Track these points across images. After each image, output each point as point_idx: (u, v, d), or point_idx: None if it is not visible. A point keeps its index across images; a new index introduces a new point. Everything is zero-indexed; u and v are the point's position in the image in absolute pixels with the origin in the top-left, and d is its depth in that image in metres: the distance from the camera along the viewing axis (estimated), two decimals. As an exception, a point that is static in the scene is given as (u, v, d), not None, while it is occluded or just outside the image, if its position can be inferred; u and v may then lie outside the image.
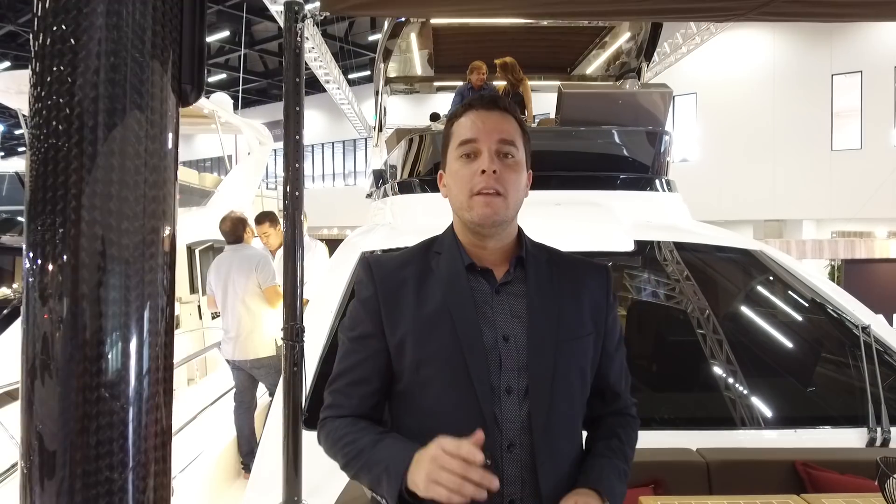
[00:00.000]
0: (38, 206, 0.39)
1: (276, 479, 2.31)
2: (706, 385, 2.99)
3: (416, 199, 4.55)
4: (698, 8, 2.14)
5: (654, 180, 4.51)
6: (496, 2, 1.98)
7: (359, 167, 27.09)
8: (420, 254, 1.37)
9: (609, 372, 1.40)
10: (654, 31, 6.23)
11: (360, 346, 1.33)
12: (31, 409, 0.42)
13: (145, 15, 0.39)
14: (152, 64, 0.39)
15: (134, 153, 0.40)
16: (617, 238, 3.37)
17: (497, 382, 1.25)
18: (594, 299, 1.36)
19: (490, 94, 1.36)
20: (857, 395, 2.69)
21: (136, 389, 0.43)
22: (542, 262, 1.35)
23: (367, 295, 1.32)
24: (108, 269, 0.39)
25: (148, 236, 0.41)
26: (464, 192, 1.27)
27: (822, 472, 2.13)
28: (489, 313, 1.28)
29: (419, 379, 1.27)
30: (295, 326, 2.43)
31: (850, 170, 15.83)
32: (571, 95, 4.80)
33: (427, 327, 1.27)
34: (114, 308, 0.41)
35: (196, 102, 0.47)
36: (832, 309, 3.19)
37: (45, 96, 0.40)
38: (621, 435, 1.38)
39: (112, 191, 0.39)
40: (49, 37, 0.40)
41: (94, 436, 0.42)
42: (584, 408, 1.37)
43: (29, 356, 0.42)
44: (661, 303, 3.53)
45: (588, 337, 1.33)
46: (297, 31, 2.42)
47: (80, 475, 0.42)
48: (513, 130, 1.30)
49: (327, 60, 15.92)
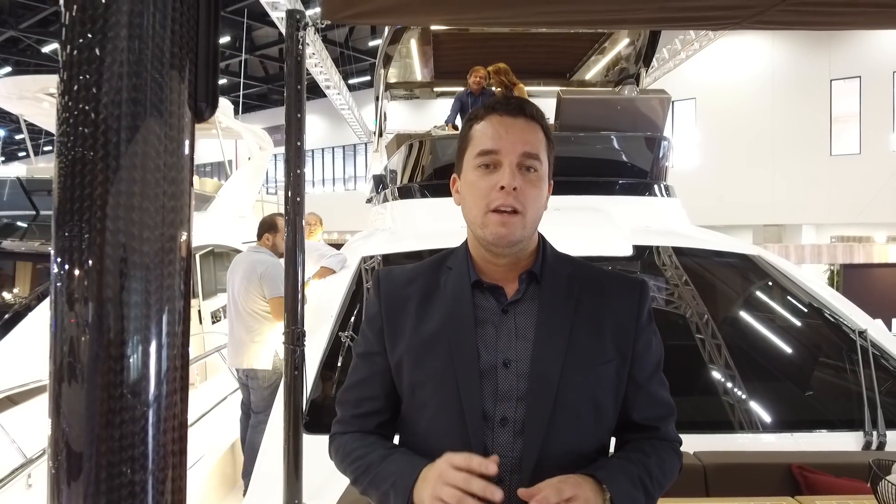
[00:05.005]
0: (65, 214, 0.42)
1: (277, 482, 2.33)
2: (705, 389, 3.01)
3: (416, 203, 4.57)
4: (696, 17, 2.17)
5: (653, 185, 4.53)
6: (496, 11, 2.01)
7: (359, 172, 27.13)
8: (432, 268, 1.28)
9: (637, 405, 1.23)
10: (653, 37, 6.28)
11: (366, 363, 1.28)
12: (58, 411, 0.45)
13: (164, 38, 0.42)
14: (171, 83, 0.43)
15: (154, 167, 0.43)
16: (616, 243, 3.40)
17: (491, 411, 1.14)
18: (619, 321, 1.20)
19: (516, 99, 1.23)
20: (853, 399, 2.71)
21: (155, 391, 0.45)
22: (561, 278, 1.21)
23: (373, 312, 1.28)
24: (131, 275, 0.42)
25: (167, 244, 0.43)
26: (479, 206, 1.16)
27: (818, 475, 2.15)
28: (491, 335, 1.18)
29: (415, 401, 1.21)
30: (296, 330, 2.45)
31: (849, 175, 15.87)
32: (570, 101, 4.83)
33: (424, 348, 1.19)
34: (136, 311, 0.43)
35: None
36: (829, 313, 3.22)
37: (72, 106, 0.43)
38: (646, 449, 1.21)
39: (134, 202, 0.42)
40: (75, 48, 0.43)
41: (118, 436, 0.44)
42: (600, 445, 1.22)
43: (56, 359, 0.44)
44: (659, 307, 3.55)
45: (607, 366, 1.18)
46: (299, 38, 2.45)
47: (105, 475, 0.44)
48: (538, 142, 1.17)
49: (328, 66, 15.98)
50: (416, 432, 1.22)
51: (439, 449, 1.10)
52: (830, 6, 1.94)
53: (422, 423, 1.21)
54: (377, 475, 1.16)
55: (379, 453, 1.20)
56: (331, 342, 2.95)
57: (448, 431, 1.15)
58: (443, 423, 1.17)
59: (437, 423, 1.18)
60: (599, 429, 1.20)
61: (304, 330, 2.48)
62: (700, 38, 13.98)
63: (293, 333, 2.45)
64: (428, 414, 1.19)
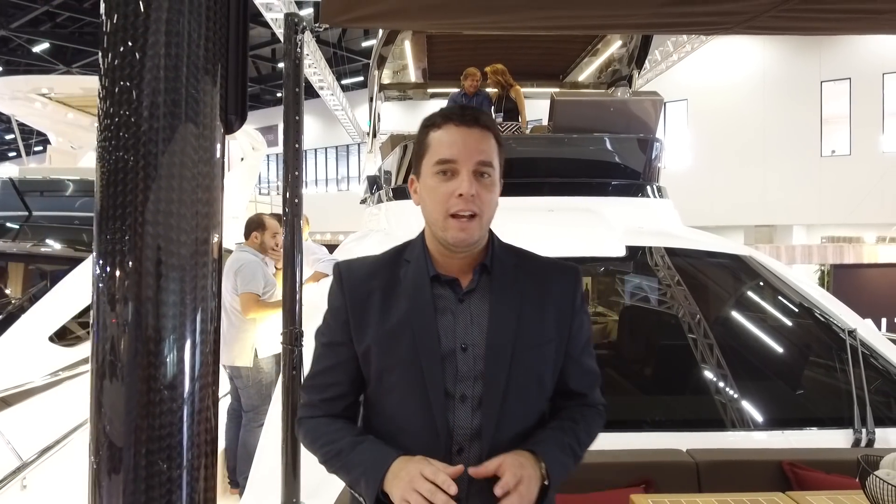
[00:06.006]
0: (107, 219, 0.44)
1: (275, 481, 2.34)
2: (697, 388, 3.05)
3: (410, 204, 4.55)
4: (688, 22, 2.20)
5: (646, 186, 4.57)
6: (492, 16, 2.03)
7: (352, 172, 27.10)
8: (390, 262, 1.39)
9: (571, 376, 1.41)
10: (646, 40, 6.32)
11: (331, 352, 1.39)
12: (99, 407, 0.47)
13: (198, 55, 0.45)
14: (205, 97, 0.46)
15: (190, 175, 0.46)
16: (609, 244, 3.43)
17: (452, 390, 1.29)
18: (558, 305, 1.37)
19: (471, 109, 1.36)
20: (843, 397, 2.75)
21: (189, 387, 0.48)
22: (508, 268, 1.36)
23: (338, 305, 1.38)
24: (168, 276, 0.45)
25: (200, 247, 0.46)
26: (439, 210, 1.28)
27: (809, 471, 2.19)
28: (450, 322, 1.31)
29: (383, 386, 1.33)
30: (294, 331, 2.47)
31: (840, 176, 15.99)
32: (564, 103, 4.87)
33: (389, 338, 1.31)
34: (173, 311, 0.45)
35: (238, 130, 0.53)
36: (819, 313, 3.26)
37: (113, 112, 0.45)
38: (576, 417, 1.39)
39: (172, 208, 0.45)
40: (116, 56, 0.46)
41: (156, 431, 0.47)
42: (541, 412, 1.39)
43: (98, 357, 0.47)
44: (652, 307, 3.59)
45: (548, 345, 1.35)
46: (297, 42, 2.47)
47: (144, 468, 0.47)
48: (491, 150, 1.30)
49: (321, 67, 15.98)
50: (383, 413, 1.35)
51: (406, 427, 1.28)
52: (820, 12, 1.97)
53: (389, 404, 1.33)
54: (348, 462, 1.29)
55: (348, 441, 1.32)
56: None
57: (414, 410, 1.29)
58: (409, 403, 1.30)
59: (404, 403, 1.31)
60: (541, 400, 1.38)
61: (301, 330, 2.50)
62: (692, 41, 14.06)
63: (291, 333, 2.46)
64: (395, 396, 1.32)
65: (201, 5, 0.46)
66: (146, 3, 0.46)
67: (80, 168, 8.18)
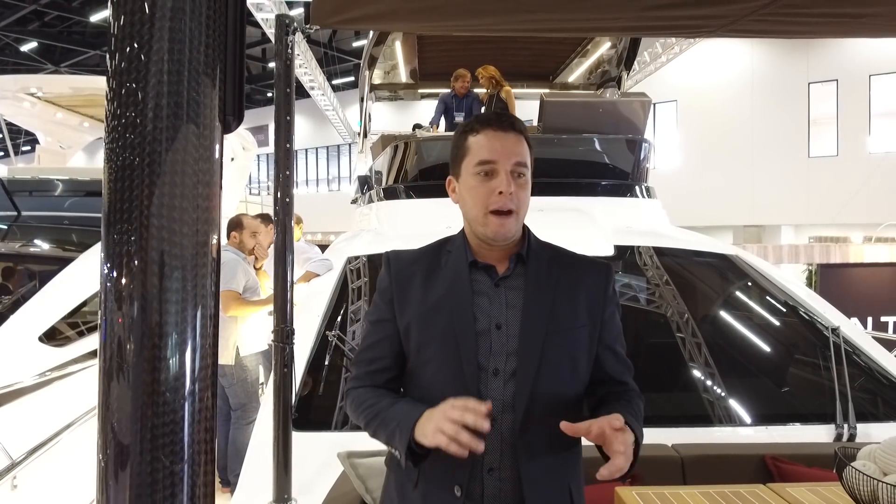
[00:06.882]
0: (115, 218, 0.47)
1: (267, 478, 2.36)
2: (685, 385, 3.09)
3: (401, 204, 4.61)
4: (671, 25, 2.24)
5: (634, 187, 4.62)
6: (481, 19, 2.07)
7: (343, 173, 27.07)
8: (433, 251, 1.53)
9: (607, 362, 1.50)
10: (634, 42, 6.37)
11: (377, 329, 1.52)
12: (107, 406, 0.49)
13: (199, 59, 0.47)
14: (205, 99, 0.48)
15: (192, 172, 0.48)
16: (598, 243, 3.46)
17: (486, 364, 1.40)
18: (591, 295, 1.48)
19: (507, 115, 1.50)
20: (826, 394, 2.80)
21: (191, 385, 0.50)
22: (543, 260, 1.48)
23: (385, 285, 1.52)
24: (172, 275, 0.47)
25: (201, 247, 0.49)
26: (479, 207, 1.41)
27: (790, 465, 2.24)
28: (485, 304, 1.43)
29: (421, 359, 1.45)
30: (285, 329, 2.49)
31: (827, 176, 16.13)
32: (553, 104, 4.91)
33: (429, 314, 1.44)
34: (175, 308, 0.48)
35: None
36: (804, 311, 3.31)
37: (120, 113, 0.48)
38: (625, 398, 1.48)
39: (175, 205, 0.47)
40: (122, 59, 0.48)
41: (161, 429, 0.49)
42: (578, 395, 1.48)
43: (106, 357, 0.49)
44: (640, 306, 3.63)
45: (581, 329, 1.45)
46: (288, 42, 2.49)
47: (149, 466, 0.49)
48: (525, 152, 1.43)
49: (312, 67, 15.95)
50: (420, 384, 1.47)
51: (441, 396, 1.33)
52: (801, 16, 2.02)
53: (426, 375, 1.45)
54: (385, 418, 1.40)
55: (387, 401, 1.44)
56: (318, 341, 2.99)
57: (449, 381, 1.39)
58: (444, 374, 1.41)
59: (440, 374, 1.42)
60: (576, 382, 1.47)
61: (293, 328, 2.52)
62: (680, 42, 14.12)
63: (282, 332, 2.48)
64: (432, 367, 1.44)
65: (202, 8, 0.50)
66: (151, 5, 0.49)
67: (69, 168, 8.14)
